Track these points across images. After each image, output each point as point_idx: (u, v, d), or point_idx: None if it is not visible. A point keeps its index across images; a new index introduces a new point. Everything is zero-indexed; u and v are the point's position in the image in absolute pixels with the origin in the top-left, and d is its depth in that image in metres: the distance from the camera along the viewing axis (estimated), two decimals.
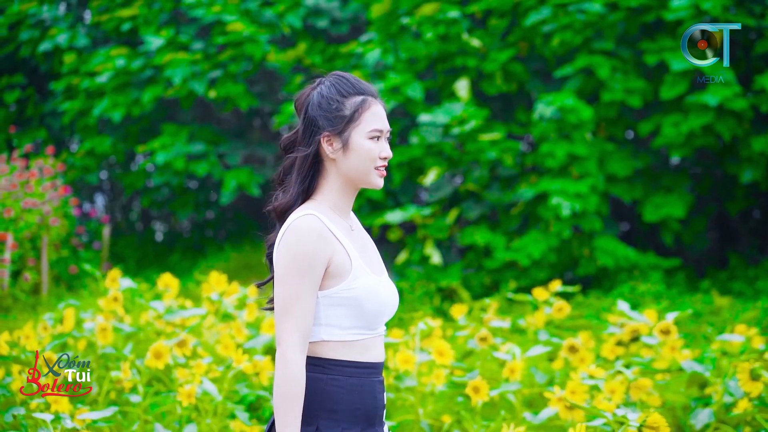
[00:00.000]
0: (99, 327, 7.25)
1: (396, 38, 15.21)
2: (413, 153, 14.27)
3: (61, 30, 18.00)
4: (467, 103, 14.15)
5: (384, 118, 3.61)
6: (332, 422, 3.49)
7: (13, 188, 15.16)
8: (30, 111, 19.17)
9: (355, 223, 3.72)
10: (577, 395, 5.51)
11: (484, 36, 14.81)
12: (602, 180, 13.52)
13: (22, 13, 18.50)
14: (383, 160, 3.58)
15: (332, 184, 3.60)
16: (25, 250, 14.85)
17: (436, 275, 13.73)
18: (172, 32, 16.59)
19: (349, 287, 3.48)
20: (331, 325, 3.50)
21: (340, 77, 3.61)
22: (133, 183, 17.77)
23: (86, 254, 16.59)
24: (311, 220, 3.46)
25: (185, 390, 5.74)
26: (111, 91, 16.78)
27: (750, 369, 5.78)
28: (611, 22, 13.89)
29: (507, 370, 6.51)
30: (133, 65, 16.49)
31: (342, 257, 3.49)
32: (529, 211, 13.97)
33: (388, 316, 3.62)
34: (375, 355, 3.59)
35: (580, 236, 13.79)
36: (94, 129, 17.77)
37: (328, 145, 3.56)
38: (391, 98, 14.39)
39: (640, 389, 6.27)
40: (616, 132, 14.34)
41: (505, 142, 13.94)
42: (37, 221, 15.06)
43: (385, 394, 3.68)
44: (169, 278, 8.64)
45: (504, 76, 14.66)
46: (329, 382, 3.49)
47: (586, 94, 14.15)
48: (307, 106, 3.60)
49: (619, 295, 12.69)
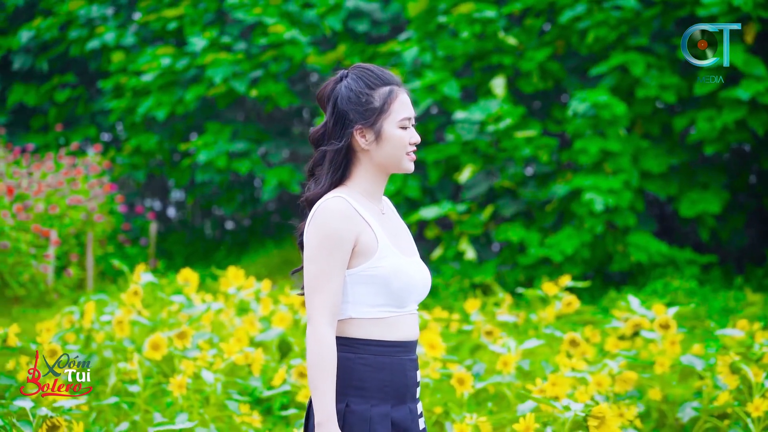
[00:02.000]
0: (116, 320, 7.44)
1: (433, 36, 15.33)
2: (449, 151, 14.38)
3: (108, 28, 18.31)
4: (503, 101, 14.23)
5: (410, 105, 3.69)
6: (362, 399, 3.55)
7: (59, 185, 15.47)
8: (80, 110, 19.51)
9: (388, 207, 3.80)
10: (558, 387, 5.60)
11: (521, 34, 14.88)
12: (636, 176, 13.54)
13: (72, 14, 18.83)
14: (413, 146, 3.67)
15: (364, 173, 3.67)
16: (70, 246, 15.15)
17: (470, 271, 13.83)
18: (215, 33, 16.83)
19: (375, 265, 3.55)
20: (359, 302, 3.57)
21: (364, 69, 3.68)
22: (179, 180, 18.02)
23: (132, 250, 16.87)
24: (339, 202, 3.54)
25: (176, 381, 5.89)
26: (156, 90, 17.07)
27: (730, 362, 5.83)
28: (646, 18, 13.90)
29: (500, 362, 6.61)
30: (178, 65, 16.75)
31: (369, 236, 3.56)
32: (563, 208, 14.02)
33: (418, 295, 3.67)
34: (405, 333, 3.63)
35: (614, 232, 13.82)
36: (141, 127, 18.05)
37: (361, 137, 3.63)
38: (427, 96, 14.51)
39: (626, 382, 6.35)
40: (651, 129, 14.34)
41: (541, 139, 14.00)
42: (82, 218, 15.36)
43: (418, 372, 3.71)
44: (189, 273, 8.83)
45: (540, 74, 14.72)
46: (357, 360, 3.56)
47: (622, 90, 14.17)
48: (335, 99, 3.66)
49: (651, 292, 12.71)
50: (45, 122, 19.70)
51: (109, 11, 19.01)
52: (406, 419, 3.62)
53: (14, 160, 16.06)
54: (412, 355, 3.68)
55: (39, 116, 19.78)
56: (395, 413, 3.59)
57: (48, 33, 18.80)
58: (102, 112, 19.40)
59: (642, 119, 14.34)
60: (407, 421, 3.62)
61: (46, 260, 13.77)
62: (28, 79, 20.16)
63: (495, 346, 6.83)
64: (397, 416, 3.60)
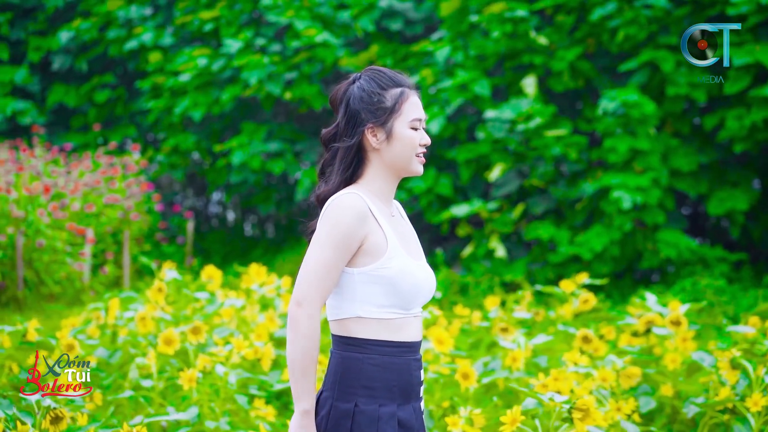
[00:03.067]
0: (138, 316, 7.59)
1: (466, 36, 15.41)
2: (480, 149, 14.47)
3: (146, 29, 18.53)
4: (534, 100, 14.30)
5: (421, 107, 3.76)
6: (370, 399, 3.63)
7: (96, 184, 15.70)
8: (120, 110, 19.74)
9: (398, 211, 3.87)
10: (559, 382, 5.68)
11: (552, 33, 14.93)
12: (666, 174, 13.56)
13: (111, 14, 19.06)
14: (423, 147, 3.74)
15: (375, 173, 3.75)
16: (107, 245, 15.37)
17: (501, 269, 13.91)
18: (250, 34, 16.98)
19: (384, 266, 3.62)
20: (366, 302, 3.63)
21: (377, 71, 3.77)
22: (216, 180, 18.21)
23: (169, 248, 17.06)
24: (354, 198, 3.62)
25: (186, 374, 6.02)
26: (193, 90, 17.25)
27: (730, 358, 5.90)
28: (677, 17, 13.91)
29: (509, 358, 6.71)
30: (214, 66, 16.92)
31: (378, 237, 3.63)
32: (593, 206, 14.07)
33: (423, 298, 3.74)
34: (410, 334, 3.71)
35: (644, 230, 13.85)
36: (179, 127, 18.24)
37: (372, 136, 3.71)
38: (458, 95, 14.59)
39: (629, 377, 6.43)
40: (681, 127, 14.35)
41: (571, 138, 14.04)
42: (119, 216, 15.57)
43: (422, 372, 3.79)
44: (212, 270, 8.99)
45: (571, 72, 14.76)
46: (366, 360, 3.63)
47: (652, 89, 14.20)
48: (348, 100, 3.74)
49: (680, 290, 12.73)
50: (85, 122, 19.95)
51: (148, 11, 19.21)
52: (411, 418, 3.70)
53: (52, 159, 16.30)
54: (417, 355, 3.76)
55: (79, 116, 20.04)
56: (401, 412, 3.67)
57: (87, 34, 19.03)
58: (141, 112, 19.63)
59: (672, 118, 14.36)
60: (412, 419, 3.70)
61: (81, 258, 13.98)
62: (68, 79, 20.43)
63: (506, 342, 6.92)
64: (403, 415, 3.68)
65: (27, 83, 19.42)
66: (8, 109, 18.72)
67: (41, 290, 13.37)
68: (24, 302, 12.91)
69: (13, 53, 20.37)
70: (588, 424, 4.27)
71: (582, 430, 4.25)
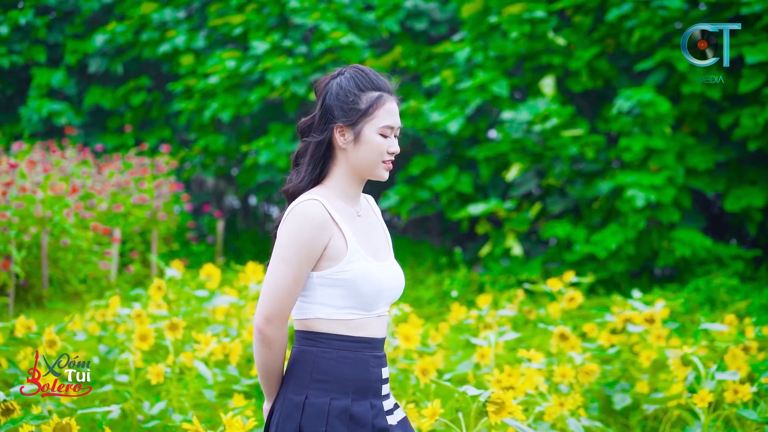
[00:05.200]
0: (134, 313, 7.81)
1: (486, 37, 15.55)
2: (499, 149, 14.61)
3: (179, 32, 18.82)
4: (552, 100, 14.40)
5: (396, 114, 3.74)
6: (321, 392, 3.63)
7: (126, 185, 16.01)
8: (155, 112, 20.06)
9: (367, 208, 3.88)
10: (512, 378, 5.83)
11: (571, 34, 15.03)
12: (681, 173, 13.62)
13: (146, 18, 19.37)
14: (390, 155, 3.72)
15: (341, 172, 3.73)
16: (135, 244, 15.66)
17: (517, 268, 14.04)
18: (277, 37, 17.22)
19: (343, 270, 3.61)
20: (326, 304, 3.64)
21: (360, 71, 3.75)
22: (247, 181, 18.45)
23: (198, 248, 17.33)
24: (313, 207, 3.61)
25: (155, 369, 6.24)
26: (222, 92, 17.51)
27: (681, 355, 6.02)
28: (693, 18, 13.96)
29: (478, 354, 6.86)
30: (243, 68, 17.17)
31: (338, 241, 3.63)
32: (609, 205, 14.16)
33: (387, 299, 3.74)
34: (370, 332, 3.71)
35: (660, 229, 13.92)
36: (209, 128, 18.50)
37: (340, 135, 3.69)
38: (477, 95, 14.75)
39: (588, 373, 6.56)
40: (698, 126, 14.40)
41: (588, 137, 14.14)
42: (146, 216, 15.86)
43: (385, 369, 3.78)
44: (212, 268, 9.19)
45: (589, 72, 14.85)
46: (319, 354, 3.64)
47: (669, 89, 14.26)
48: (325, 94, 3.74)
49: (693, 289, 12.80)
50: (121, 124, 20.29)
51: (182, 14, 19.50)
52: (368, 414, 3.67)
53: (82, 160, 16.62)
54: (377, 352, 3.76)
55: (115, 118, 20.37)
56: (355, 408, 3.65)
57: (122, 37, 19.36)
58: (175, 114, 19.93)
59: (689, 117, 14.41)
60: (368, 416, 3.67)
61: (107, 257, 14.27)
62: (104, 81, 20.81)
63: (477, 339, 7.07)
64: (357, 411, 3.66)
65: (64, 86, 19.77)
66: (44, 111, 19.06)
67: (66, 289, 13.65)
68: (48, 300, 13.18)
69: (50, 56, 20.76)
70: (502, 417, 4.41)
71: (496, 421, 4.39)
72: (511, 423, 4.47)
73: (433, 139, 15.96)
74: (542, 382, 6.04)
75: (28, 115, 19.26)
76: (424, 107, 15.41)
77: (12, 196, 13.01)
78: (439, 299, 13.58)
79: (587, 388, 7.70)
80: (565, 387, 6.41)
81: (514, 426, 4.47)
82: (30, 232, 12.95)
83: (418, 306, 13.39)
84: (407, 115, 15.51)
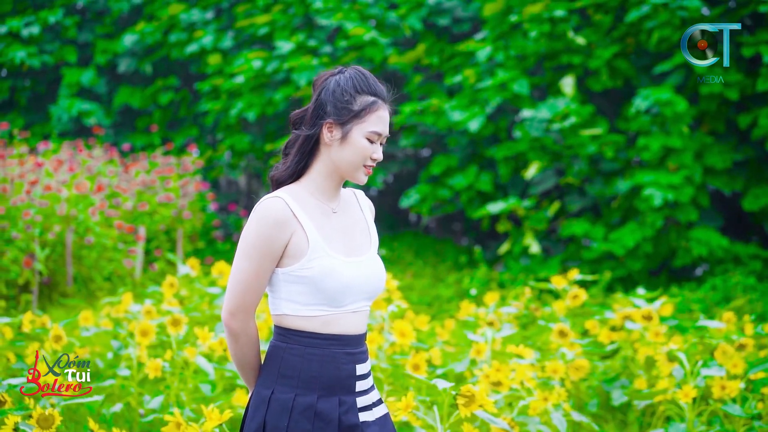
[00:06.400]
0: (144, 309, 7.98)
1: (507, 36, 15.64)
2: (518, 147, 14.71)
3: (206, 32, 19.02)
4: (572, 99, 14.47)
5: (387, 123, 3.76)
6: (287, 387, 3.68)
7: (152, 184, 16.22)
8: (183, 111, 20.27)
9: (348, 205, 3.91)
10: (501, 372, 5.95)
11: (591, 33, 15.08)
12: (699, 172, 13.65)
13: (175, 18, 19.57)
14: (373, 161, 3.75)
15: (321, 168, 3.77)
16: (160, 242, 15.86)
17: (535, 267, 14.12)
18: (302, 37, 17.39)
19: (304, 267, 3.64)
20: (291, 300, 3.68)
21: (360, 73, 3.78)
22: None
23: (223, 246, 17.51)
24: (274, 205, 3.67)
25: (153, 363, 6.39)
26: (248, 92, 17.69)
27: (668, 351, 6.11)
28: (711, 18, 14.00)
29: (474, 350, 6.97)
30: (268, 68, 17.34)
31: (299, 239, 3.66)
32: (628, 204, 14.21)
33: (360, 294, 3.75)
34: (342, 328, 3.73)
35: (678, 227, 13.96)
36: (236, 127, 18.68)
37: (328, 131, 3.72)
38: (497, 94, 14.84)
39: (578, 369, 6.67)
40: (717, 126, 14.43)
41: (607, 137, 14.19)
42: (172, 215, 16.06)
43: (360, 366, 3.78)
44: (223, 265, 9.34)
45: (610, 72, 14.90)
46: (287, 350, 3.69)
47: (688, 89, 14.29)
48: (322, 90, 3.77)
49: (710, 288, 12.83)
50: (149, 123, 20.49)
51: (210, 15, 19.69)
52: (334, 411, 3.69)
53: (109, 159, 16.84)
54: (351, 348, 3.77)
55: (144, 117, 20.59)
56: (322, 404, 3.68)
57: (151, 37, 19.56)
58: (203, 114, 20.13)
59: (708, 116, 14.44)
60: (334, 412, 3.69)
61: (131, 255, 14.47)
62: (134, 81, 21.04)
63: (475, 335, 7.18)
64: (324, 407, 3.69)
65: (93, 85, 19.99)
66: (74, 110, 19.28)
67: (90, 286, 13.84)
68: (73, 298, 13.37)
69: (81, 56, 21.00)
70: (473, 410, 4.52)
71: (466, 414, 4.50)
72: (481, 415, 4.58)
73: (454, 138, 16.08)
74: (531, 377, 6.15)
75: (58, 115, 19.49)
76: (445, 106, 15.51)
77: (36, 194, 13.22)
78: (458, 297, 13.68)
79: (588, 385, 7.82)
80: (557, 382, 6.51)
81: (484, 418, 4.59)
82: (54, 230, 13.15)
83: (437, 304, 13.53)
84: (429, 113, 15.63)
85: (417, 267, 16.11)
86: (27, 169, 13.99)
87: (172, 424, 4.62)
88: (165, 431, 4.64)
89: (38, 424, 4.50)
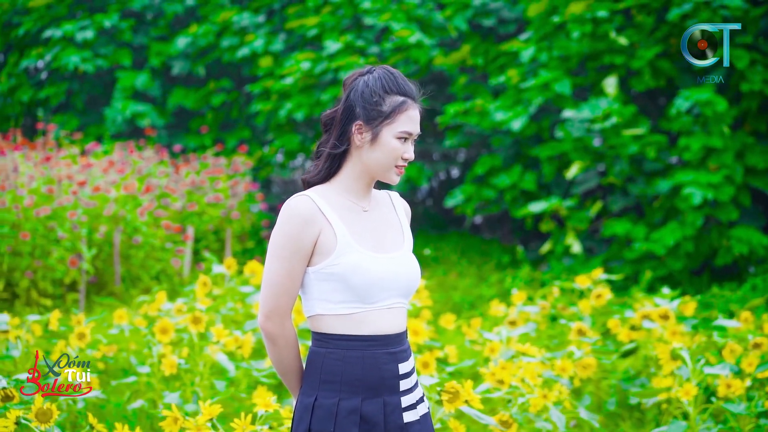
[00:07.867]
0: (175, 308, 8.19)
1: (550, 37, 15.69)
2: (562, 147, 14.77)
3: (257, 36, 19.24)
4: (614, 100, 14.49)
5: (417, 122, 3.75)
6: (330, 393, 3.66)
7: (201, 184, 16.48)
8: (235, 113, 20.53)
9: (380, 204, 3.92)
10: (506, 370, 6.06)
11: (633, 33, 15.08)
12: (740, 171, 13.63)
13: (227, 21, 19.82)
14: (404, 161, 3.74)
15: (352, 169, 3.77)
16: (209, 242, 16.11)
17: (577, 266, 14.18)
18: (350, 37, 17.55)
19: (333, 263, 3.64)
20: (323, 299, 3.69)
21: (389, 72, 3.77)
22: None
23: None
24: (300, 202, 3.68)
25: (168, 360, 6.58)
26: (297, 93, 17.89)
27: (671, 349, 6.19)
28: (753, 17, 13.96)
29: (488, 349, 7.09)
30: (317, 69, 17.53)
31: (328, 236, 3.66)
32: (669, 204, 14.22)
33: (392, 291, 3.74)
34: (376, 327, 3.71)
35: (719, 227, 13.95)
36: (286, 128, 18.88)
37: (358, 133, 3.72)
38: (539, 94, 14.91)
39: (585, 368, 6.76)
40: (758, 125, 14.39)
41: (649, 137, 14.20)
42: (221, 215, 16.30)
43: (402, 364, 3.77)
44: (255, 265, 9.53)
45: (652, 72, 14.90)
46: (327, 355, 3.68)
47: (731, 88, 14.26)
48: (351, 90, 3.76)
49: (750, 287, 12.83)
50: (203, 124, 20.75)
51: (261, 18, 19.90)
52: (379, 413, 3.68)
53: (160, 160, 17.11)
54: (391, 348, 3.75)
55: (197, 119, 20.86)
56: (366, 407, 3.67)
57: (204, 39, 19.82)
58: (255, 115, 20.35)
59: (749, 116, 14.41)
60: (380, 414, 3.68)
61: (179, 255, 14.71)
62: (187, 83, 21.32)
63: (489, 333, 7.30)
64: (368, 410, 3.67)
65: (148, 87, 20.26)
66: (128, 112, 19.57)
67: (138, 285, 14.09)
68: (120, 297, 13.62)
69: (136, 58, 21.30)
70: (458, 405, 4.63)
71: (451, 409, 4.62)
72: (467, 411, 4.70)
73: (498, 138, 16.18)
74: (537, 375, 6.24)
75: (113, 116, 19.78)
76: (490, 107, 15.60)
77: (84, 194, 13.49)
78: (500, 297, 13.76)
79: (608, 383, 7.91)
80: (565, 380, 6.60)
81: (471, 414, 4.70)
82: (101, 230, 13.40)
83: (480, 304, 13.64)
84: (473, 113, 15.73)
85: (462, 267, 16.22)
86: (75, 170, 14.27)
87: (170, 419, 4.80)
88: (163, 425, 4.82)
89: (37, 418, 4.67)
